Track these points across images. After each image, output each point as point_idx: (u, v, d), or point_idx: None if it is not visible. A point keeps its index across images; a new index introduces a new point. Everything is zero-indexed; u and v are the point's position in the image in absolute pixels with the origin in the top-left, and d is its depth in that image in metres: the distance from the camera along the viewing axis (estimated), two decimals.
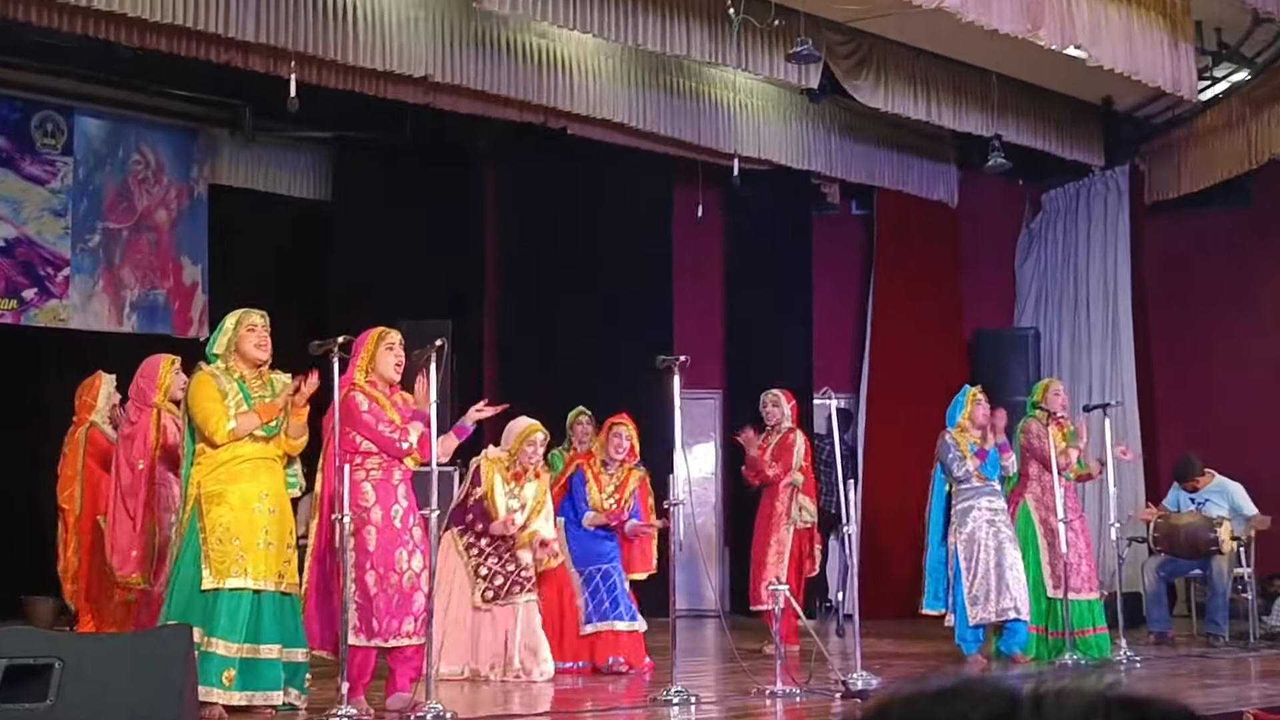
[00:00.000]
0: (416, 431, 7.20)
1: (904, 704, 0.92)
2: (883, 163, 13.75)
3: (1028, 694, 0.89)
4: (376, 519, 7.10)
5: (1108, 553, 11.05)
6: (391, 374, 7.29)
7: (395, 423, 7.17)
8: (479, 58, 10.88)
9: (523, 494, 8.98)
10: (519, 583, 8.89)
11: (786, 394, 11.03)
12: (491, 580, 8.85)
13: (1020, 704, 0.88)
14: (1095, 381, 13.93)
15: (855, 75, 11.52)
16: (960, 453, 9.68)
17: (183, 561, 6.67)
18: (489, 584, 8.83)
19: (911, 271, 14.54)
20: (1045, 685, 0.90)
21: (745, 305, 14.69)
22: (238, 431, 6.69)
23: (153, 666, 5.27)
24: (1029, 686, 0.90)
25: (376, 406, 7.17)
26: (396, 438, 7.15)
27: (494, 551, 8.94)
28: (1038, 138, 12.86)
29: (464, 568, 8.89)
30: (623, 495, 9.55)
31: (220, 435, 6.67)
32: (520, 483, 9.00)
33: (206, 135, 13.76)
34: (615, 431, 9.57)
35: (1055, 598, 9.66)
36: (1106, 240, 14.13)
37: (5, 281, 12.45)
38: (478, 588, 8.85)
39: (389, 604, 7.05)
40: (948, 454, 9.75)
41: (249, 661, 6.62)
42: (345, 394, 7.05)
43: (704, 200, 13.92)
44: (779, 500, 10.78)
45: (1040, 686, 0.90)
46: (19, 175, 12.59)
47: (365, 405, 7.14)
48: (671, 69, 11.95)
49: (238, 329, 6.89)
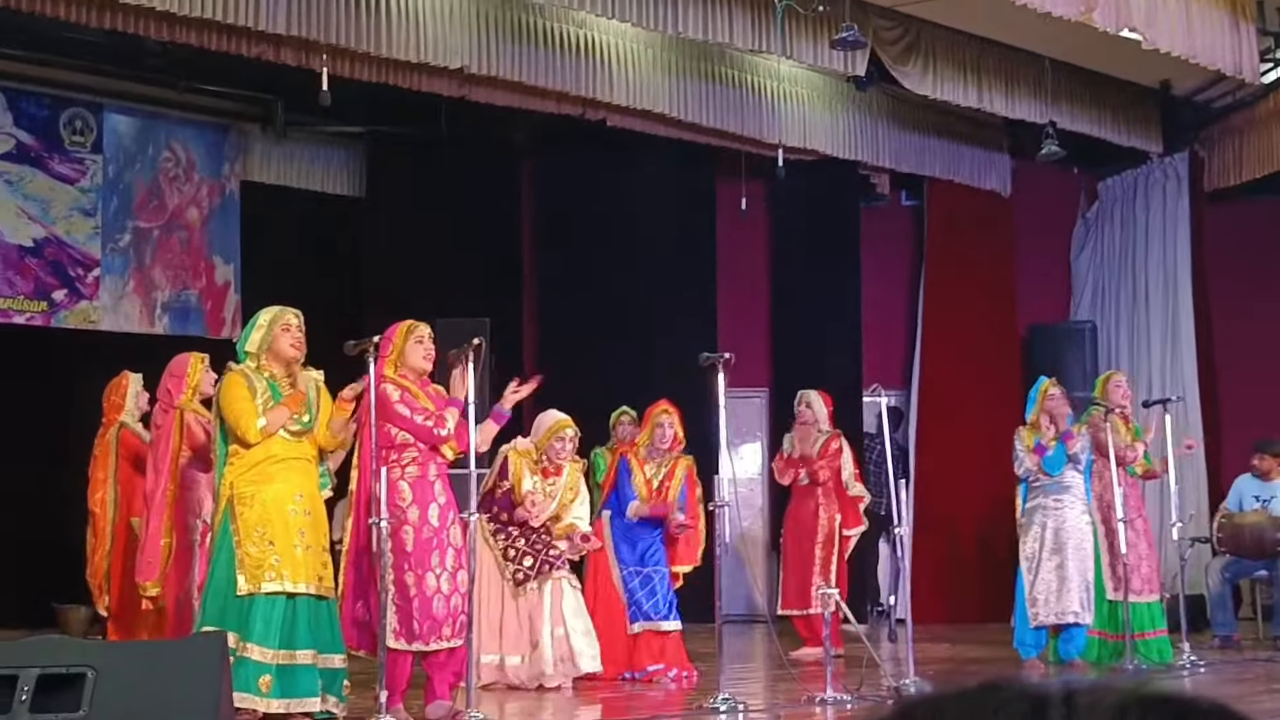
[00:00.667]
0: (453, 418, 7.09)
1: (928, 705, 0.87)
2: (932, 152, 13.53)
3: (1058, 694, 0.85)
4: (414, 519, 7.03)
5: (1170, 553, 10.82)
6: (421, 365, 7.23)
7: (429, 410, 7.08)
8: (516, 48, 10.73)
9: (551, 487, 8.79)
10: (549, 561, 8.68)
11: (823, 394, 10.82)
12: (520, 561, 8.65)
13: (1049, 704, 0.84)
14: (1155, 376, 13.65)
15: (903, 62, 11.31)
16: (1024, 450, 9.39)
17: (216, 565, 6.62)
18: (518, 565, 8.61)
19: (963, 264, 14.26)
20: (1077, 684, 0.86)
21: (791, 300, 14.45)
22: (269, 428, 6.61)
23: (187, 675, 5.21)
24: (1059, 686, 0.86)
25: (408, 395, 7.10)
26: (432, 425, 7.05)
27: (522, 533, 8.75)
28: (1093, 124, 12.63)
29: (491, 552, 8.68)
30: (669, 485, 9.28)
31: (252, 434, 6.59)
32: (547, 478, 8.82)
33: (238, 131, 13.62)
34: (658, 421, 9.36)
35: (1115, 600, 9.41)
36: (1165, 230, 13.84)
37: (35, 283, 12.31)
38: (507, 570, 8.67)
39: (428, 606, 6.98)
40: (1014, 455, 9.49)
41: (285, 668, 6.55)
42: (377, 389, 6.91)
43: (748, 193, 13.71)
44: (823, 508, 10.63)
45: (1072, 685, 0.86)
46: (48, 174, 12.44)
47: (397, 396, 7.07)
48: (713, 58, 11.76)
49: (272, 327, 6.82)
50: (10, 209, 12.23)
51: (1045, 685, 0.87)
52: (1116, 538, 9.33)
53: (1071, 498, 9.43)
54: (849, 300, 14.39)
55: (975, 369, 13.72)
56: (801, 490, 10.78)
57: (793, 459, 10.77)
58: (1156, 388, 13.23)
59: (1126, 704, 0.85)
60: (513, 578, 8.64)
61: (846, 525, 10.73)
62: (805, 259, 14.39)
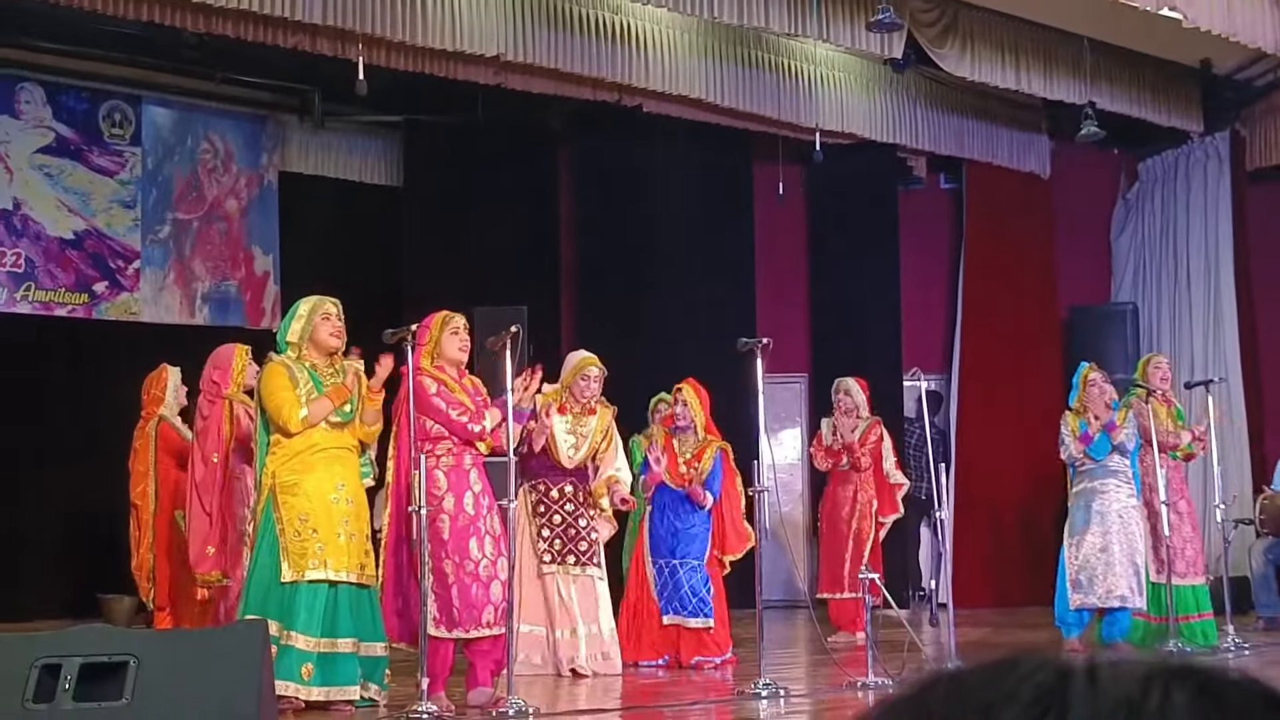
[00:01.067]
0: (493, 420, 7.09)
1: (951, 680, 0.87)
2: (971, 134, 13.42)
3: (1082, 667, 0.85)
4: (449, 507, 7.04)
5: (1213, 535, 10.73)
6: (457, 356, 7.25)
7: (465, 405, 7.09)
8: (551, 35, 10.71)
9: (582, 428, 8.71)
10: (574, 553, 8.63)
11: (860, 381, 10.81)
12: (551, 545, 8.59)
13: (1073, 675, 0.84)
14: (1197, 357, 13.52)
15: (940, 43, 11.24)
16: (1069, 436, 9.32)
17: (259, 554, 6.66)
18: (548, 547, 8.56)
19: (1003, 246, 14.16)
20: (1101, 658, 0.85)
21: (830, 285, 14.39)
22: (311, 419, 6.62)
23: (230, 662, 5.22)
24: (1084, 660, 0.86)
25: (445, 390, 7.11)
26: (466, 420, 7.07)
27: (559, 510, 8.66)
28: (1133, 104, 12.51)
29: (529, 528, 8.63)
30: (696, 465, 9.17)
31: (294, 424, 6.60)
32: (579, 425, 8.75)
33: (275, 122, 13.64)
34: (678, 399, 9.33)
35: (1158, 582, 9.35)
36: (1207, 209, 13.70)
37: (76, 275, 12.36)
38: (538, 549, 8.62)
39: (467, 594, 6.98)
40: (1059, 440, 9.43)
41: (326, 656, 6.59)
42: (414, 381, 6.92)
43: (785, 177, 13.66)
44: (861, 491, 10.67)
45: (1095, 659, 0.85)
46: (87, 167, 12.49)
47: (434, 389, 7.08)
48: (749, 41, 11.70)
49: (312, 317, 6.84)
50: (51, 202, 12.28)
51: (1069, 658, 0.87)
52: (1160, 520, 9.26)
53: (1118, 481, 9.36)
54: (888, 284, 14.31)
55: (1016, 351, 13.64)
56: (839, 475, 10.78)
57: (833, 450, 10.76)
58: (1199, 369, 13.12)
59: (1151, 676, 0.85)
60: (541, 560, 8.63)
61: (883, 512, 10.72)
62: (843, 243, 14.31)
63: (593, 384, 8.77)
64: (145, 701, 4.91)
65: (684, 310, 13.60)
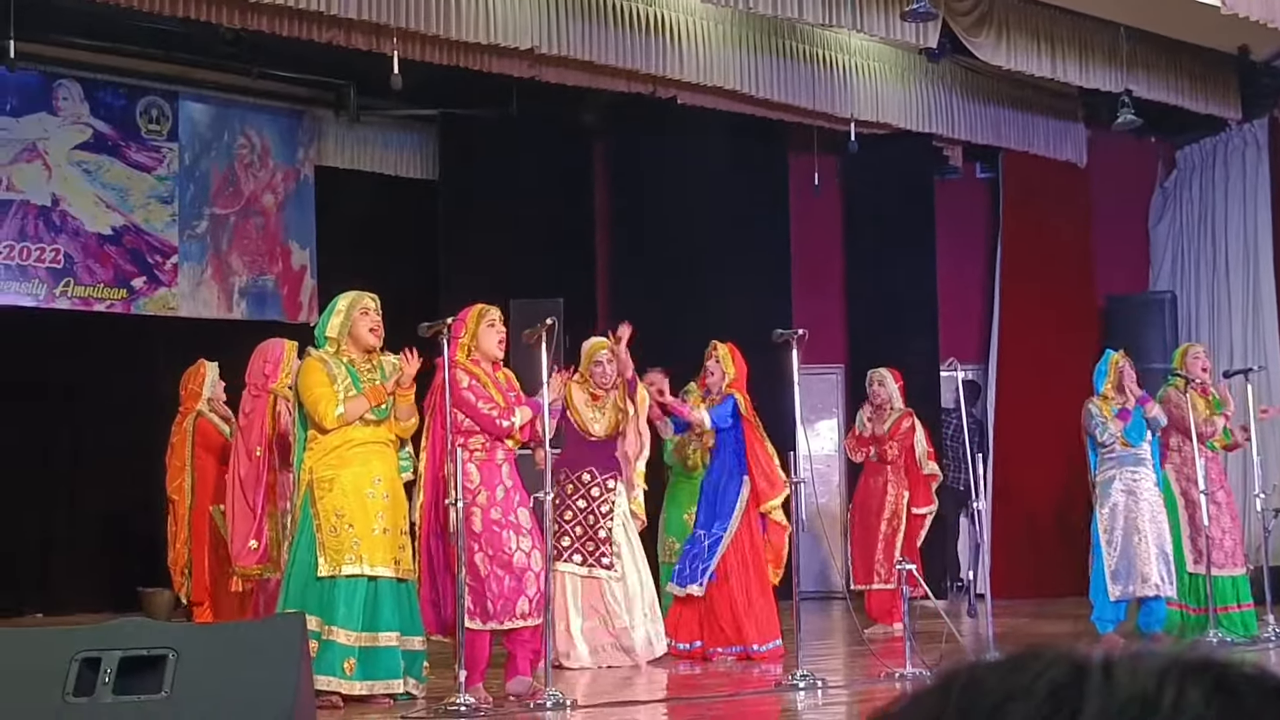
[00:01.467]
0: (523, 416, 7.09)
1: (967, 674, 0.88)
2: (1007, 123, 13.34)
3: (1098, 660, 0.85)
4: (482, 501, 7.06)
5: (1253, 525, 10.65)
6: (494, 351, 7.27)
7: (496, 400, 7.11)
8: (585, 27, 10.68)
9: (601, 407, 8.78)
10: (581, 552, 8.64)
11: (894, 372, 10.79)
12: (559, 540, 8.53)
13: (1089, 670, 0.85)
14: (1237, 346, 13.44)
15: (975, 32, 11.18)
16: (1103, 417, 9.25)
17: (298, 549, 6.69)
18: (556, 543, 8.49)
19: (1040, 235, 14.10)
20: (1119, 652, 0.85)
21: (866, 275, 14.35)
22: (347, 416, 6.64)
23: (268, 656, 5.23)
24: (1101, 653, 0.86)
25: (478, 384, 7.14)
26: (496, 415, 7.09)
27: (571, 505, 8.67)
28: (1170, 92, 12.41)
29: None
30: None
31: (330, 420, 6.61)
32: (597, 402, 8.78)
33: (311, 116, 13.67)
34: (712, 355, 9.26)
35: (1196, 573, 9.27)
36: (1245, 197, 13.61)
37: (114, 270, 12.42)
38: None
39: (501, 586, 7.02)
40: (1091, 421, 9.34)
41: (367, 650, 6.63)
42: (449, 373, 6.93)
43: (820, 168, 13.63)
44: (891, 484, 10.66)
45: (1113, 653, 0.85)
46: (125, 163, 12.54)
47: (466, 382, 7.10)
48: (784, 32, 11.66)
49: (350, 312, 6.84)
50: (89, 198, 12.35)
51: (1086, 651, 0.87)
52: (1198, 510, 9.20)
53: (1145, 469, 9.30)
54: (924, 274, 14.25)
55: (1054, 341, 13.57)
56: (871, 467, 10.79)
57: (864, 438, 10.78)
58: (1238, 357, 13.04)
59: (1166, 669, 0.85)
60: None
61: (916, 503, 10.70)
62: (879, 234, 14.26)
63: (606, 367, 8.76)
64: (184, 694, 4.92)
65: (719, 302, 13.55)
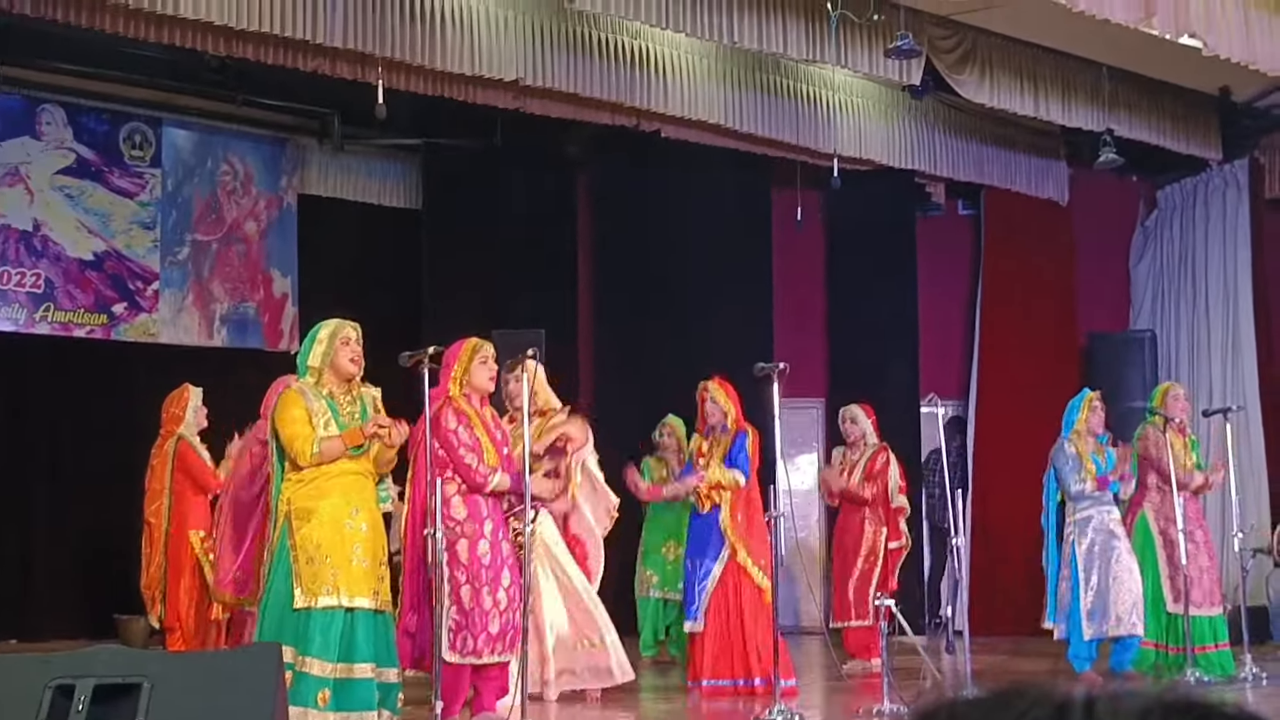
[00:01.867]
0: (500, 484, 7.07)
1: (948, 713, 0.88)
2: (989, 160, 13.38)
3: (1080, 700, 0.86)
4: (469, 532, 7.04)
5: (1231, 565, 10.66)
6: (485, 386, 7.26)
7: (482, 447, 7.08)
8: (571, 59, 10.70)
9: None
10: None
11: (865, 408, 10.77)
12: None
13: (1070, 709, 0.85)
14: (1216, 385, 13.45)
15: (959, 70, 11.21)
16: (1083, 470, 9.21)
17: (274, 579, 6.59)
18: None
19: (1021, 273, 14.15)
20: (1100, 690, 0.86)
21: (847, 310, 14.38)
22: (322, 457, 6.57)
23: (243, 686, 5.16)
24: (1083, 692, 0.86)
25: (466, 430, 7.07)
26: (474, 469, 7.04)
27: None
28: (1151, 131, 12.46)
29: None
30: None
31: (305, 458, 6.55)
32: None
33: (295, 145, 13.68)
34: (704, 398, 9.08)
35: (1175, 613, 9.26)
36: (1225, 237, 13.65)
37: (95, 296, 12.41)
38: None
39: (483, 620, 6.98)
40: (1065, 465, 9.31)
41: (342, 682, 6.54)
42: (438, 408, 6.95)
43: (803, 203, 13.66)
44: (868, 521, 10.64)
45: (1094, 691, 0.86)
46: (107, 188, 12.55)
47: (454, 424, 7.04)
48: (768, 67, 11.70)
49: (332, 342, 6.76)
50: (71, 223, 12.33)
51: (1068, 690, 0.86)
52: (1176, 550, 9.19)
53: (1113, 507, 9.34)
54: (906, 310, 14.30)
55: (1034, 378, 13.59)
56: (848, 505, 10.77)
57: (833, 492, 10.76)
58: (1217, 396, 13.06)
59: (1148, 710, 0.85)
60: None
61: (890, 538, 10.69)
62: (861, 269, 14.30)
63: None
64: None
65: (701, 335, 13.58)
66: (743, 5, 9.99)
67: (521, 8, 10.38)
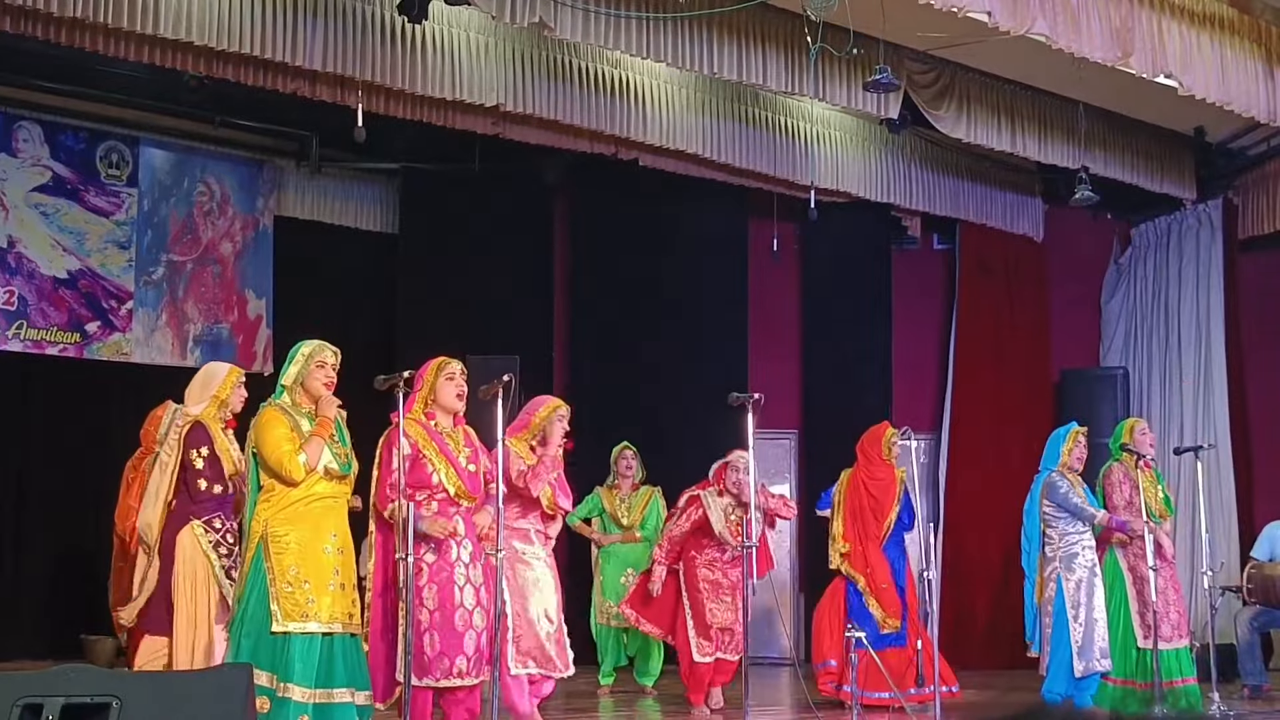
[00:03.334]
0: (392, 513, 6.92)
1: None
2: (965, 195, 13.45)
3: None
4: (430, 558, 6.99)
5: (1200, 602, 10.67)
6: (453, 403, 7.20)
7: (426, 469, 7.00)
8: (550, 87, 10.74)
9: None
10: None
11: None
12: None
13: None
14: (1187, 423, 13.49)
15: (937, 105, 11.26)
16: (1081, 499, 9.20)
17: (249, 602, 6.52)
18: None
19: (995, 308, 14.20)
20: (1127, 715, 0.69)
21: (822, 342, 14.39)
22: (311, 462, 6.54)
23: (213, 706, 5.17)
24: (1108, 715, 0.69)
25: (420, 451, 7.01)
26: (385, 492, 6.94)
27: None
28: (1126, 170, 12.53)
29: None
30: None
31: (298, 473, 6.52)
32: None
33: (272, 166, 13.67)
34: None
35: (1145, 648, 9.24)
36: (1199, 276, 13.69)
37: (68, 314, 12.37)
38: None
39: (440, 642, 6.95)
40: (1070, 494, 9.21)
41: (322, 707, 6.50)
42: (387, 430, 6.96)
43: (780, 234, 13.71)
44: None
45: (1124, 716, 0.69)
46: (83, 206, 12.52)
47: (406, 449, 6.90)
48: (747, 98, 11.75)
49: (308, 363, 6.75)
50: (45, 241, 12.30)
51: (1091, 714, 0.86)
52: (1146, 585, 9.18)
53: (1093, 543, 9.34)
54: (880, 343, 14.32)
55: (1007, 413, 13.64)
56: None
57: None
58: (1189, 434, 13.12)
59: None
60: None
61: None
62: (836, 301, 14.32)
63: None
64: None
65: (676, 364, 13.60)
66: (722, 36, 10.04)
67: (502, 34, 10.41)
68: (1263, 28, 10.61)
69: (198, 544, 7.45)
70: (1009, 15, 9.16)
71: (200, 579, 7.43)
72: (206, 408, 7.74)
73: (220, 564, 7.46)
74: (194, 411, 7.76)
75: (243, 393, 7.87)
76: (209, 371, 8.04)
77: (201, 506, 7.53)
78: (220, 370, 7.98)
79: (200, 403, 7.79)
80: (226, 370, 7.97)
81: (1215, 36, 10.37)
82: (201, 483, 7.49)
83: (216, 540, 7.49)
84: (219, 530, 7.54)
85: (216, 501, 7.59)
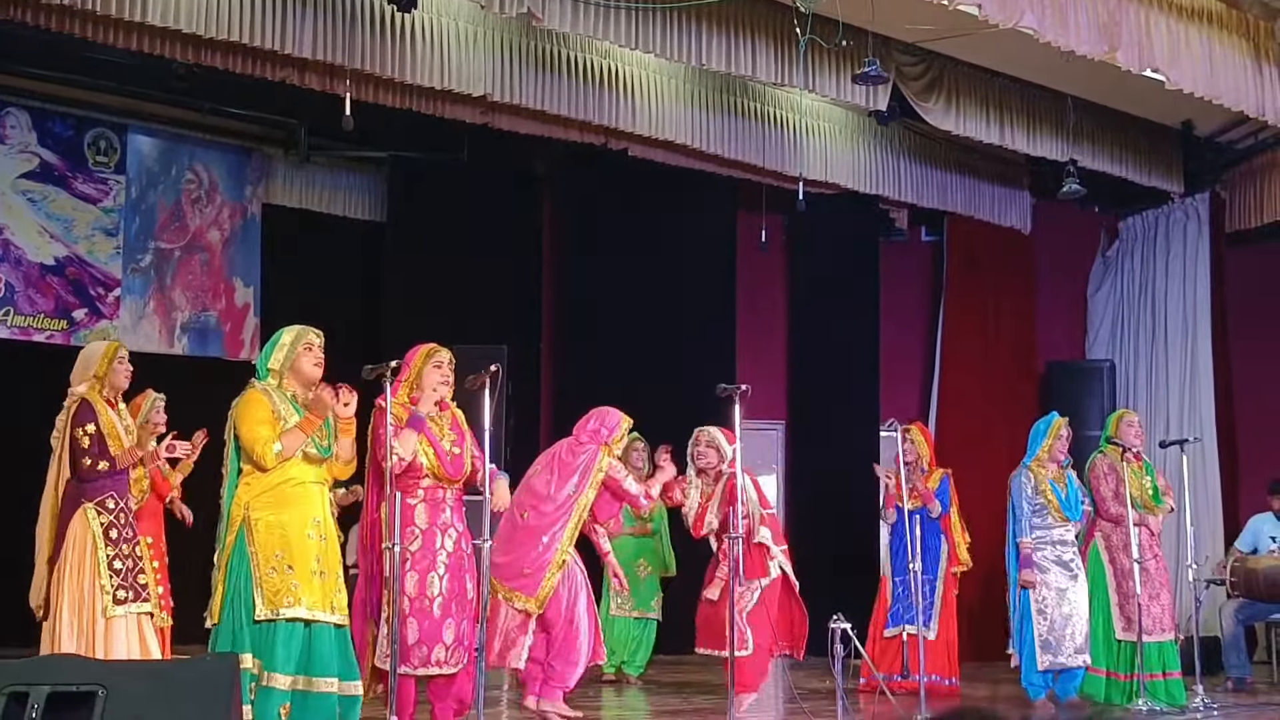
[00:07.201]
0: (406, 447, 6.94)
1: None
2: (953, 188, 13.45)
3: None
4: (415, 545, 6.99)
5: (1185, 595, 10.71)
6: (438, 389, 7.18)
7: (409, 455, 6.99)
8: (539, 77, 10.72)
9: None
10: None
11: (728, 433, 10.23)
12: None
13: None
14: (1173, 416, 13.54)
15: (925, 97, 11.28)
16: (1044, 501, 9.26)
17: (231, 587, 6.43)
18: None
19: (982, 300, 14.24)
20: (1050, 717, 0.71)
21: (810, 333, 14.42)
22: (285, 453, 6.46)
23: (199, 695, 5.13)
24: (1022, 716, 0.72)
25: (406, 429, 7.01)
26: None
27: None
28: (1114, 163, 12.57)
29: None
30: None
31: (269, 459, 6.43)
32: None
33: (260, 154, 13.65)
34: (905, 437, 10.25)
35: (1125, 640, 9.26)
36: (1185, 269, 13.74)
37: (55, 301, 12.35)
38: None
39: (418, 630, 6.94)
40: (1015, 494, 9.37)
41: (303, 695, 6.44)
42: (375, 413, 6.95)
43: (768, 225, 13.71)
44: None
45: (1035, 716, 0.71)
46: (71, 193, 12.49)
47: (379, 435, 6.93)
48: (736, 90, 11.75)
49: (295, 346, 6.69)
50: (33, 227, 12.27)
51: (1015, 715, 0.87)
52: (1128, 578, 9.20)
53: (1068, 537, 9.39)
54: (867, 334, 14.35)
55: (993, 405, 13.67)
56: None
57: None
58: (1174, 427, 13.15)
59: None
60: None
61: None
62: (824, 292, 14.35)
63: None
64: None
65: (663, 354, 13.60)
66: (712, 27, 10.04)
67: (491, 24, 10.39)
68: (1250, 21, 10.64)
69: (88, 528, 7.26)
70: (998, 8, 9.19)
71: (88, 566, 7.24)
72: (90, 387, 7.62)
73: (107, 551, 7.23)
74: (79, 391, 7.62)
75: (126, 368, 7.62)
76: (88, 351, 7.81)
77: (92, 486, 7.29)
78: (98, 348, 7.76)
79: (83, 382, 7.63)
80: (104, 347, 7.79)
81: (1203, 30, 10.39)
82: (86, 460, 7.25)
83: (109, 523, 7.26)
84: (112, 510, 7.30)
85: (106, 480, 7.36)
